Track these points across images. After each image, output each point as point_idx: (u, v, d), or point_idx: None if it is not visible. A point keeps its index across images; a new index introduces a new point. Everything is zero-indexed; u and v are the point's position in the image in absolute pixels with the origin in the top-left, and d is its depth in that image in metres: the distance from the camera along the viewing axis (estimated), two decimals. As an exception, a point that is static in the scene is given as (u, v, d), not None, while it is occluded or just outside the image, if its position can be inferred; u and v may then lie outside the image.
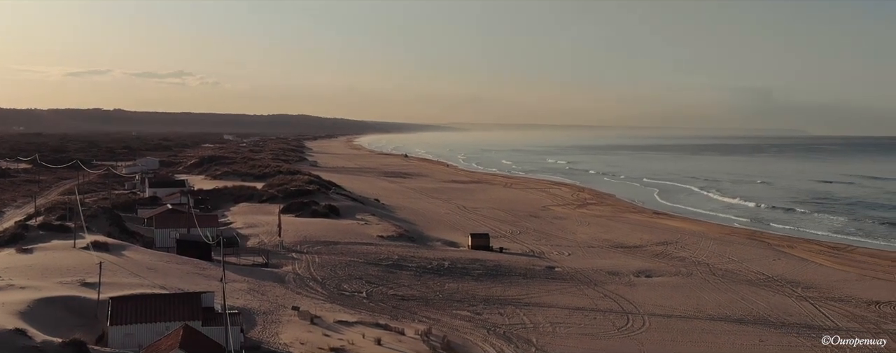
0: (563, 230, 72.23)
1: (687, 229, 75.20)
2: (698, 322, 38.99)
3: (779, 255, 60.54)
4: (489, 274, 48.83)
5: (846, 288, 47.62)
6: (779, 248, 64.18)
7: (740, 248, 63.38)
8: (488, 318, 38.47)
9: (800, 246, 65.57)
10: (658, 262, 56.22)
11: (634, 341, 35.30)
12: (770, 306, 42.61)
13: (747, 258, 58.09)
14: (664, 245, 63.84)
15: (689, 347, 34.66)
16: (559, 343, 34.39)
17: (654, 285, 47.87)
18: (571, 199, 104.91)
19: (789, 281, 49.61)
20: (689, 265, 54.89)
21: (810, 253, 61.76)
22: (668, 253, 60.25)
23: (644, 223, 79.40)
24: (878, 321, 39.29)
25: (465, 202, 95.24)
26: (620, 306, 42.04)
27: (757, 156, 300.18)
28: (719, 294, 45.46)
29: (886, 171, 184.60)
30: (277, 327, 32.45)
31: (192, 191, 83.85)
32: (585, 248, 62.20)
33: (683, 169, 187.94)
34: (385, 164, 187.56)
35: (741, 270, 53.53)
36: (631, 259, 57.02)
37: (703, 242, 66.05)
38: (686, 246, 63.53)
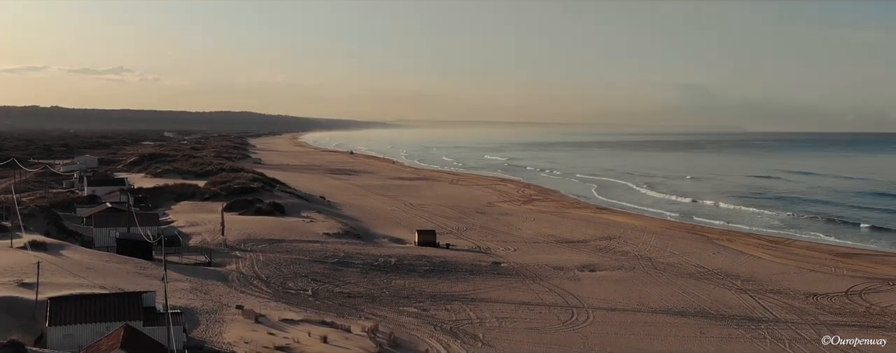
0: (509, 226, 72.74)
1: (629, 224, 76.38)
2: (641, 315, 39.61)
3: (718, 249, 61.86)
4: (436, 270, 48.92)
5: (784, 281, 48.86)
6: (718, 242, 65.58)
7: (681, 242, 64.61)
8: (435, 314, 38.56)
9: (739, 240, 67.13)
10: (602, 256, 57.01)
11: (579, 334, 35.74)
12: (710, 298, 43.51)
13: (688, 252, 59.23)
14: (608, 240, 64.72)
15: (632, 340, 35.20)
16: (505, 338, 34.64)
17: (598, 280, 48.53)
18: (517, 195, 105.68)
19: (729, 274, 50.72)
20: (631, 260, 55.75)
21: (749, 247, 63.25)
22: (611, 248, 61.11)
23: (588, 219, 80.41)
24: (816, 313, 40.42)
25: (412, 199, 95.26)
26: (565, 300, 42.52)
27: (696, 152, 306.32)
28: (661, 287, 46.27)
29: (819, 166, 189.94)
30: (221, 326, 32.04)
31: (132, 189, 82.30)
32: (531, 243, 62.73)
33: (624, 165, 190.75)
34: (330, 161, 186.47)
35: (682, 263, 54.55)
36: (575, 254, 57.71)
37: (646, 236, 67.16)
38: (629, 241, 64.51)
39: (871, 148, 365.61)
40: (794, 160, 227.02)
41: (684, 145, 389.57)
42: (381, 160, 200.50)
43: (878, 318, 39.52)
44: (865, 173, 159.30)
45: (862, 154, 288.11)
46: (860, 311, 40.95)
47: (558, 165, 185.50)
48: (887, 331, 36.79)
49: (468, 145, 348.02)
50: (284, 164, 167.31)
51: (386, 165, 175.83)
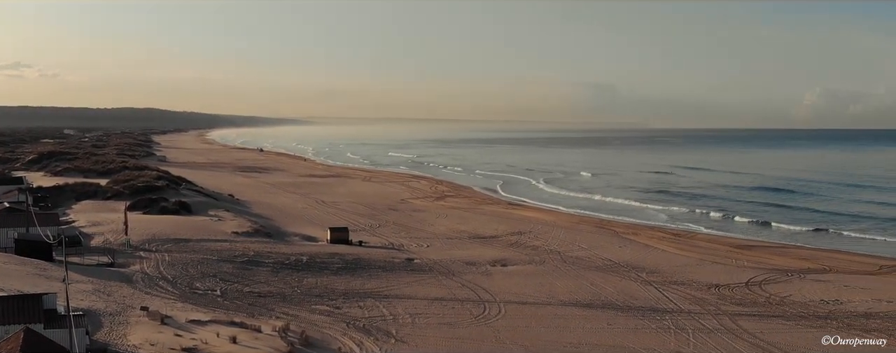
0: (422, 223, 72.91)
1: (540, 219, 77.60)
2: (551, 308, 40.28)
3: (625, 242, 63.44)
4: (348, 268, 48.63)
5: (687, 272, 50.45)
6: (625, 236, 67.26)
7: (589, 236, 66.01)
8: (348, 311, 38.32)
9: (644, 233, 69.02)
10: (513, 251, 57.74)
11: (491, 328, 36.09)
12: (617, 290, 44.56)
13: (596, 246, 60.55)
14: (518, 235, 65.58)
15: (542, 332, 35.75)
16: (418, 334, 34.71)
17: (510, 274, 49.12)
18: (430, 191, 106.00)
19: (635, 267, 52.06)
20: (541, 254, 56.66)
21: (654, 240, 65.10)
22: (522, 242, 61.93)
23: (500, 214, 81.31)
24: (717, 303, 41.86)
25: (324, 196, 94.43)
26: (477, 295, 42.87)
27: (603, 148, 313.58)
28: (570, 281, 47.15)
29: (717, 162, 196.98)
30: (125, 328, 31.07)
31: (31, 188, 78.87)
32: (444, 239, 63.03)
33: (532, 162, 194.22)
34: (239, 158, 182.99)
35: (590, 257, 55.74)
36: (487, 249, 58.27)
37: (555, 231, 68.36)
38: (539, 235, 65.52)
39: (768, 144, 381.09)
40: (698, 155, 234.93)
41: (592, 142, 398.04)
42: (292, 157, 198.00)
43: (778, 307, 41.22)
44: (759, 169, 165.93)
45: (758, 150, 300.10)
46: (761, 301, 42.63)
47: (464, 162, 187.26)
48: (785, 320, 38.44)
49: (376, 142, 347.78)
50: (191, 162, 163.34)
51: (297, 163, 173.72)
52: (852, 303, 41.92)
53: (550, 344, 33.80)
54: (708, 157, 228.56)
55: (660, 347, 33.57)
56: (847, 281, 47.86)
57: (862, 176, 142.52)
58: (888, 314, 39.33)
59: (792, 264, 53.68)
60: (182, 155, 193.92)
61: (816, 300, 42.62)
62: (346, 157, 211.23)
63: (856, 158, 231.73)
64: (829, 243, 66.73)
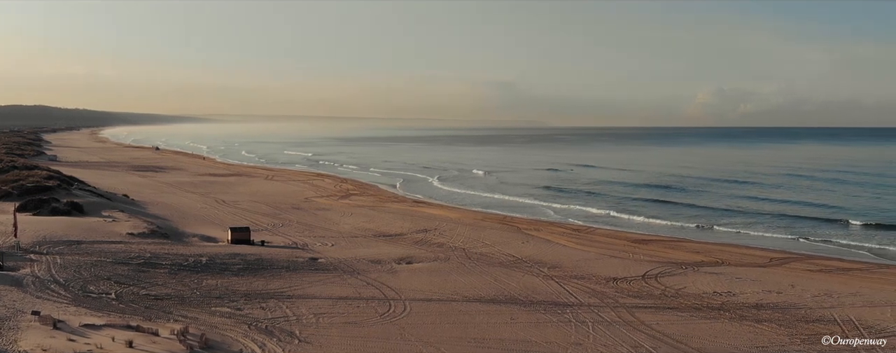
0: (326, 221, 72.23)
1: (445, 216, 78.03)
2: (456, 304, 40.52)
3: (527, 238, 64.43)
4: (250, 268, 47.73)
5: (587, 266, 51.62)
6: (527, 231, 68.32)
7: (493, 232, 66.77)
8: (250, 313, 37.61)
9: (546, 229, 70.32)
10: (418, 249, 57.86)
11: (396, 326, 36.06)
12: (520, 286, 45.21)
13: (499, 242, 61.31)
14: (424, 233, 65.78)
15: (447, 328, 35.93)
16: (323, 333, 34.37)
17: (415, 271, 49.20)
18: (335, 190, 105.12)
19: (537, 262, 52.94)
20: (446, 251, 56.98)
21: (555, 235, 66.39)
22: (427, 240, 62.14)
23: (405, 212, 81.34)
24: (616, 296, 42.96)
25: (224, 196, 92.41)
26: (383, 293, 42.76)
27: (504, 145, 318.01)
28: (474, 277, 47.57)
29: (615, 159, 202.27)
30: (15, 333, 29.67)
31: None
32: (349, 238, 62.62)
33: (433, 159, 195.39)
34: (134, 157, 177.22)
35: (494, 253, 56.39)
36: (393, 247, 58.22)
37: (459, 228, 68.87)
38: (444, 233, 65.88)
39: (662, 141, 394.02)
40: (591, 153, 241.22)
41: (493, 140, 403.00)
42: (189, 156, 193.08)
43: (673, 299, 42.60)
44: (654, 166, 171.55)
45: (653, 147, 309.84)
46: (656, 293, 43.97)
47: (361, 160, 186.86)
48: (681, 311, 39.76)
49: (274, 140, 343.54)
50: (84, 161, 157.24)
51: (195, 161, 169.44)
52: (744, 294, 43.72)
53: (455, 340, 34.01)
54: (604, 154, 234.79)
55: (561, 340, 34.23)
56: (739, 274, 49.87)
57: (750, 172, 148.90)
58: (778, 305, 41.20)
59: (686, 258, 55.65)
60: (74, 154, 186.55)
61: (710, 292, 44.27)
62: (240, 155, 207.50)
63: (745, 154, 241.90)
64: (721, 237, 69.45)
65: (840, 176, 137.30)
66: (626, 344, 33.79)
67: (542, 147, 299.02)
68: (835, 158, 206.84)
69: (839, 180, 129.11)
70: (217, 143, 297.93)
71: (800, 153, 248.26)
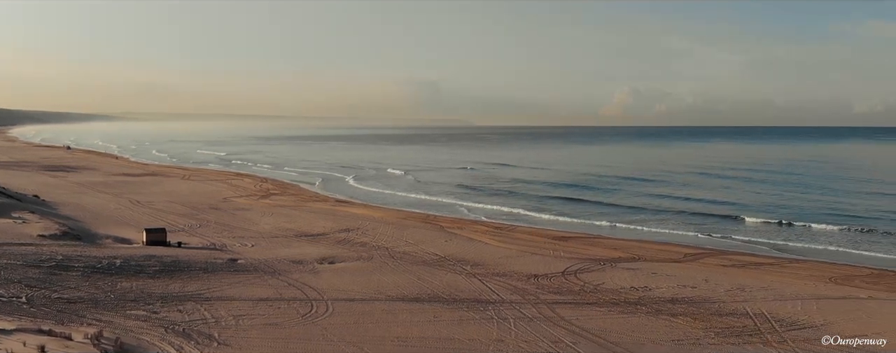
0: (246, 222, 71.05)
1: (368, 215, 77.70)
2: (379, 304, 40.38)
3: (450, 236, 64.70)
4: (166, 270, 46.58)
5: (508, 264, 52.13)
6: (450, 230, 68.61)
7: (416, 231, 66.81)
8: (166, 316, 36.71)
9: (468, 227, 70.76)
10: (341, 248, 57.46)
11: (318, 326, 35.73)
12: (443, 284, 45.35)
13: (422, 241, 61.39)
14: (347, 232, 65.36)
15: (370, 328, 35.78)
16: (243, 335, 33.80)
17: (338, 271, 48.85)
18: (254, 189, 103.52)
19: (459, 260, 53.21)
20: (369, 250, 56.74)
21: (477, 233, 66.85)
22: (350, 239, 61.77)
23: (327, 211, 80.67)
24: (537, 293, 43.49)
25: (139, 196, 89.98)
26: (305, 293, 42.31)
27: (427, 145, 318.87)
28: (398, 276, 47.50)
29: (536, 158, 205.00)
30: (-86, 343, 28.27)
31: None
32: (269, 238, 61.74)
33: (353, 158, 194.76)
34: (45, 157, 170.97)
35: (417, 251, 56.43)
36: (315, 247, 57.67)
37: (383, 227, 68.69)
38: (367, 232, 65.60)
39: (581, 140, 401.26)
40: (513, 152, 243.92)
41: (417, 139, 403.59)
42: (102, 155, 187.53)
43: (592, 295, 43.37)
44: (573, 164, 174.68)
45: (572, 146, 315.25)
46: (576, 289, 44.69)
47: (277, 159, 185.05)
48: (599, 306, 40.50)
49: (189, 139, 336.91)
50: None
51: (108, 161, 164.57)
52: (660, 289, 44.82)
53: (378, 340, 33.89)
54: (525, 153, 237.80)
55: (483, 337, 34.48)
56: (655, 269, 51.12)
57: (664, 171, 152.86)
58: (692, 299, 42.38)
59: (604, 254, 56.75)
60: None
61: (627, 288, 45.24)
62: (152, 155, 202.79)
63: (659, 153, 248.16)
64: (638, 234, 71.11)
65: (750, 175, 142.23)
66: (546, 340, 34.24)
67: (465, 146, 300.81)
68: (745, 157, 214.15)
69: (748, 178, 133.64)
70: (128, 142, 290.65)
71: (711, 152, 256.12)
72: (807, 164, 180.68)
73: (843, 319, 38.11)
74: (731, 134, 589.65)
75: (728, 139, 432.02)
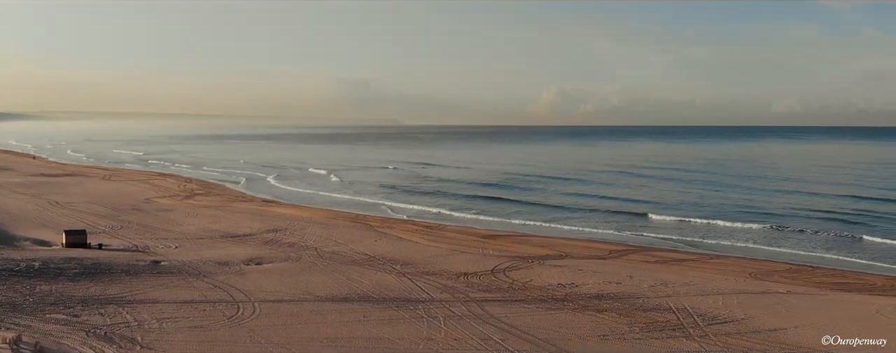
0: (169, 223, 69.56)
1: (296, 215, 76.91)
2: (307, 304, 40.04)
3: (380, 236, 64.54)
4: (87, 273, 45.30)
5: (438, 263, 52.28)
6: (380, 229, 68.44)
7: (345, 231, 66.44)
8: (87, 319, 35.70)
9: (398, 226, 70.71)
10: (268, 249, 56.75)
11: (245, 328, 35.22)
12: (373, 283, 45.21)
13: (352, 240, 61.08)
14: (274, 232, 64.58)
15: (298, 329, 35.46)
16: (167, 339, 33.09)
17: (265, 272, 48.23)
18: (178, 190, 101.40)
19: (389, 259, 53.13)
20: (297, 250, 56.19)
21: (407, 232, 66.86)
22: (277, 240, 61.05)
23: (254, 212, 79.57)
24: (466, 291, 43.72)
25: (58, 197, 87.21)
26: (231, 295, 41.65)
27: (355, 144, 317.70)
28: (326, 276, 47.17)
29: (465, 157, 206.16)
30: None
31: None
32: (194, 240, 60.57)
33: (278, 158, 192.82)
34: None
35: (346, 251, 56.12)
36: (241, 248, 56.81)
37: (311, 227, 68.09)
38: (295, 232, 64.93)
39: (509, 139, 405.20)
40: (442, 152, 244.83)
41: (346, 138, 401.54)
42: (18, 155, 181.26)
43: (521, 292, 43.83)
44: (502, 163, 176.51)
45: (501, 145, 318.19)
46: (505, 287, 45.10)
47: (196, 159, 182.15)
48: (528, 303, 40.94)
49: (107, 139, 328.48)
50: None
51: (26, 161, 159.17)
52: (586, 285, 45.57)
53: (307, 340, 33.59)
54: (454, 152, 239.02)
55: (413, 336, 34.51)
56: (581, 266, 51.94)
57: (589, 170, 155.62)
58: (617, 295, 43.21)
59: (532, 252, 57.41)
60: None
61: (555, 284, 45.87)
62: (67, 155, 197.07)
63: (584, 152, 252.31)
64: (565, 231, 72.19)
65: (670, 173, 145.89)
66: (476, 337, 34.46)
67: (393, 146, 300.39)
68: (666, 156, 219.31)
69: (669, 177, 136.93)
70: (43, 141, 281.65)
71: (634, 151, 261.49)
72: (725, 163, 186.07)
73: (762, 313, 39.36)
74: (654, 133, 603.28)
75: (650, 139, 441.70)
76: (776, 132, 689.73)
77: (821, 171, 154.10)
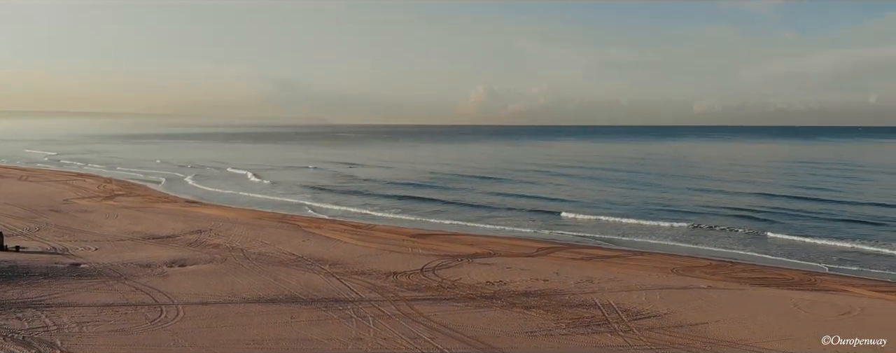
0: (89, 224, 67.59)
1: (221, 216, 75.62)
2: (233, 306, 39.46)
3: (308, 236, 63.96)
4: (4, 276, 43.71)
5: (368, 262, 52.11)
6: (307, 229, 67.82)
7: (272, 231, 65.63)
8: (4, 324, 34.48)
9: (326, 226, 70.17)
10: (192, 250, 55.67)
11: (168, 331, 34.53)
12: (300, 284, 44.81)
13: (279, 241, 60.38)
14: (198, 234, 63.39)
15: (223, 331, 34.94)
16: (87, 343, 32.21)
17: (189, 274, 47.31)
18: (98, 190, 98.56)
19: (318, 259, 52.71)
20: (223, 251, 55.27)
21: (336, 232, 66.42)
22: (202, 241, 59.95)
23: (177, 212, 77.91)
24: (395, 290, 43.70)
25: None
26: (153, 298, 40.75)
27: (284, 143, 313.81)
28: (252, 277, 46.54)
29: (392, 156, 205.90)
30: None
31: None
32: (115, 241, 59.01)
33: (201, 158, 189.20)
34: None
35: (273, 252, 55.45)
36: (164, 250, 55.59)
37: (237, 227, 67.06)
38: (220, 233, 63.86)
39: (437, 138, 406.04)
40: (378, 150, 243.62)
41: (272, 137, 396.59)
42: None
43: (450, 291, 44.02)
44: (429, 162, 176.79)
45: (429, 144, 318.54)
46: (434, 285, 45.23)
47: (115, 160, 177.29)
48: (457, 302, 41.15)
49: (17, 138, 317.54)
50: None
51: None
52: (514, 283, 46.04)
53: (232, 343, 33.12)
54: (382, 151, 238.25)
55: (342, 336, 34.35)
56: (509, 264, 52.45)
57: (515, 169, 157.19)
58: (544, 292, 43.78)
59: (461, 250, 57.71)
60: None
61: (483, 282, 46.21)
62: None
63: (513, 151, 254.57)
64: (494, 230, 72.72)
65: (593, 173, 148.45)
66: (405, 336, 34.51)
67: (319, 145, 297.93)
68: (590, 155, 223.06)
69: (592, 176, 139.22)
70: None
71: (560, 150, 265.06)
72: (647, 162, 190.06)
73: (684, 308, 40.42)
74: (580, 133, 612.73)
75: (576, 138, 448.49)
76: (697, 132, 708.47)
77: (737, 170, 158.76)
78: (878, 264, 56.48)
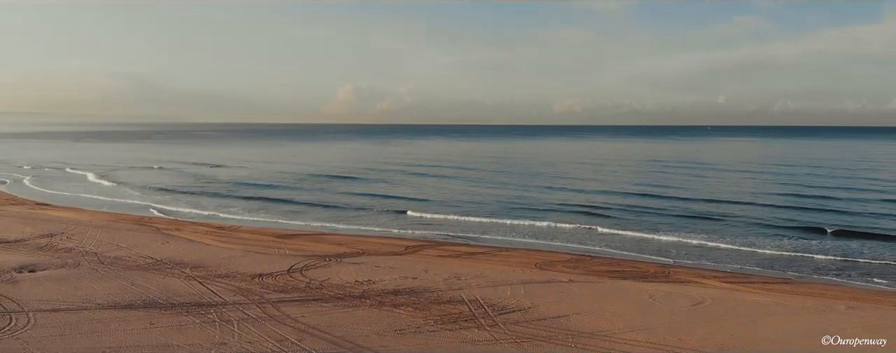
0: (-78, 229, 62.77)
1: (73, 218, 71.94)
2: (87, 313, 37.68)
3: (167, 238, 61.79)
4: None
5: (231, 264, 50.86)
6: (167, 232, 65.51)
7: (129, 234, 63.02)
8: None
9: (187, 228, 67.97)
10: (43, 255, 52.69)
11: (18, 340, 32.62)
12: (160, 288, 43.27)
13: (136, 244, 58.05)
14: (49, 237, 60.07)
15: (78, 339, 33.34)
16: (-75, 357, 29.98)
17: (39, 280, 44.79)
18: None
19: (178, 263, 51.03)
20: (76, 256, 52.62)
21: (197, 234, 64.47)
22: (53, 245, 56.85)
23: (26, 215, 73.51)
24: (261, 292, 42.88)
25: None
26: (2, 305, 38.37)
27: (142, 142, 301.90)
28: (108, 282, 44.57)
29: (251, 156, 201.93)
30: None
31: None
32: (-47, 247, 55.11)
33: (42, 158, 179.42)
34: None
35: (130, 255, 53.27)
36: (12, 255, 52.34)
37: (91, 230, 64.00)
38: (73, 236, 60.75)
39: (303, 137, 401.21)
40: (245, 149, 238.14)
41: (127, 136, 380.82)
42: None
43: (318, 291, 43.61)
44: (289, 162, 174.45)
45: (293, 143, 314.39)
46: (302, 286, 44.68)
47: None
48: (325, 302, 40.82)
49: None
50: None
51: None
52: (383, 282, 46.12)
53: (88, 351, 31.64)
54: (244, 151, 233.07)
55: (204, 341, 33.45)
56: (378, 262, 52.48)
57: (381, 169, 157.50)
58: (413, 290, 44.08)
59: (329, 250, 57.29)
60: None
61: (352, 282, 46.05)
62: None
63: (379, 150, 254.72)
64: (362, 230, 72.60)
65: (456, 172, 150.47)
66: (271, 339, 33.97)
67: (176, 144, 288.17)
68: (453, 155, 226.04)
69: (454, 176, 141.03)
70: None
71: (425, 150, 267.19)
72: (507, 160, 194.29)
73: (547, 301, 41.67)
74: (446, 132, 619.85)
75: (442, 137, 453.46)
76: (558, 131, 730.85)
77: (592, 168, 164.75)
78: (723, 258, 60.22)
